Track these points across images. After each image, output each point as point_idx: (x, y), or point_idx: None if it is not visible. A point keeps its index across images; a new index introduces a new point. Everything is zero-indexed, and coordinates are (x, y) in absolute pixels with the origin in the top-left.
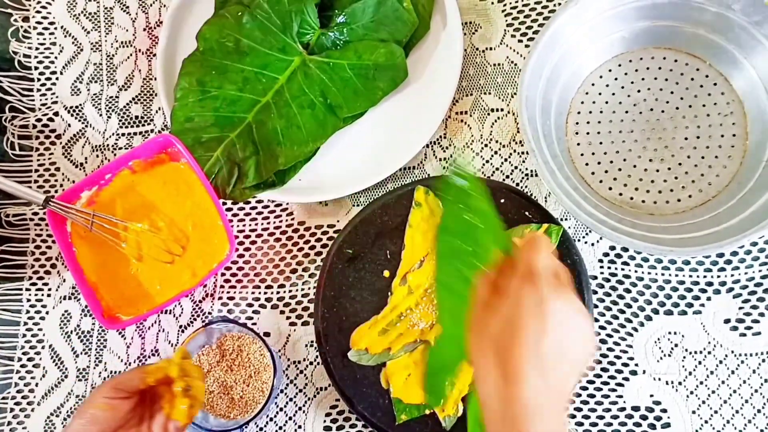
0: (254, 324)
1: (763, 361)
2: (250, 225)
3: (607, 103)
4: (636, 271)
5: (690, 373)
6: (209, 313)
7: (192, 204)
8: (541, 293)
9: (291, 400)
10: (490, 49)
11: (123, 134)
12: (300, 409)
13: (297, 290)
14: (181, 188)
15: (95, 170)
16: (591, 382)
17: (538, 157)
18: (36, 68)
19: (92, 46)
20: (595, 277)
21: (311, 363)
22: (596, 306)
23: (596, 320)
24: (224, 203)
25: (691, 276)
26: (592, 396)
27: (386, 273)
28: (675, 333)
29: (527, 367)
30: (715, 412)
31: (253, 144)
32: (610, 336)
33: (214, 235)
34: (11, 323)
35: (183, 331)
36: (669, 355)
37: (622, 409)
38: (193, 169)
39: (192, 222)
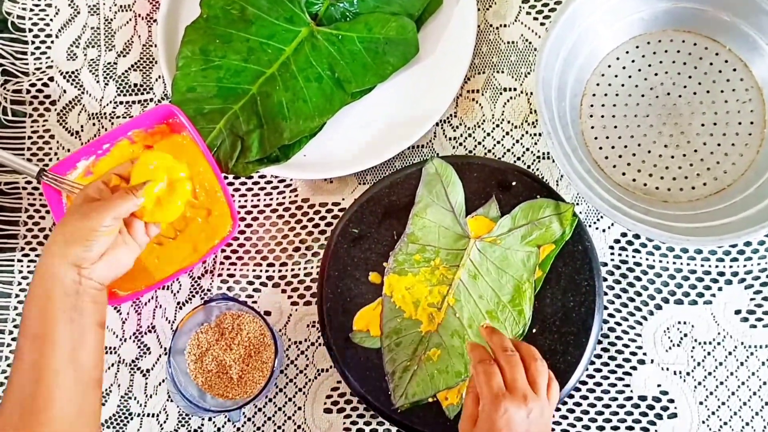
0: (254, 303)
1: None
2: (252, 201)
3: (623, 86)
4: (647, 259)
5: (698, 364)
6: (208, 290)
7: (194, 178)
8: (506, 411)
9: (291, 381)
10: (505, 26)
11: (121, 102)
12: (300, 390)
13: (299, 269)
14: (182, 161)
15: (92, 139)
16: (598, 370)
17: (553, 139)
18: (30, 30)
19: (90, 9)
20: (606, 264)
21: (313, 344)
22: (606, 293)
23: (605, 308)
24: (226, 178)
25: (702, 265)
26: (598, 384)
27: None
28: (684, 323)
29: None
30: (723, 403)
31: (257, 117)
32: (618, 324)
33: (217, 211)
34: (2, 295)
35: (181, 308)
36: (678, 345)
37: (629, 399)
38: (196, 141)
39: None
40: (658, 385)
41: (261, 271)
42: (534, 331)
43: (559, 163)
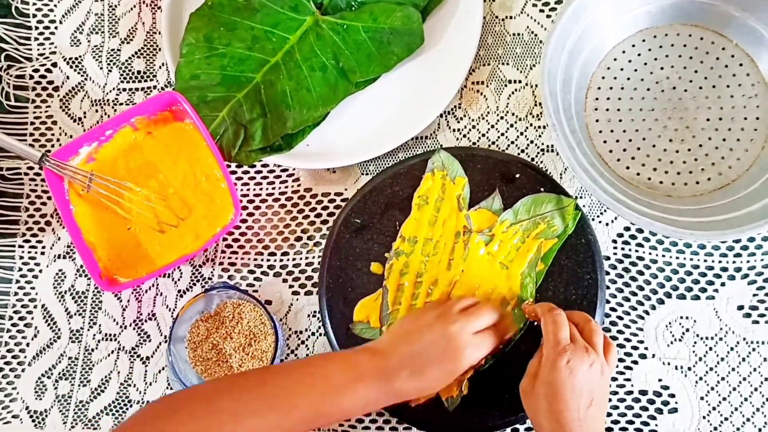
0: (255, 291)
1: None
2: (254, 189)
3: (628, 79)
4: (650, 254)
5: (700, 359)
6: (209, 278)
7: (196, 166)
8: (569, 361)
9: None
10: (510, 17)
11: (124, 89)
12: None
13: (301, 259)
14: (185, 149)
15: (94, 125)
16: None
17: (558, 132)
18: (34, 16)
19: None
20: (608, 258)
21: (313, 334)
22: (608, 287)
23: (607, 302)
24: (229, 166)
25: (705, 260)
26: None
27: (395, 245)
28: (687, 318)
29: (569, 419)
30: (724, 399)
31: (261, 106)
32: (620, 318)
33: (219, 198)
34: (3, 281)
35: (181, 296)
36: (680, 340)
37: (630, 393)
38: (199, 129)
39: (195, 185)
40: (659, 380)
41: (262, 260)
42: (536, 324)
43: (563, 155)
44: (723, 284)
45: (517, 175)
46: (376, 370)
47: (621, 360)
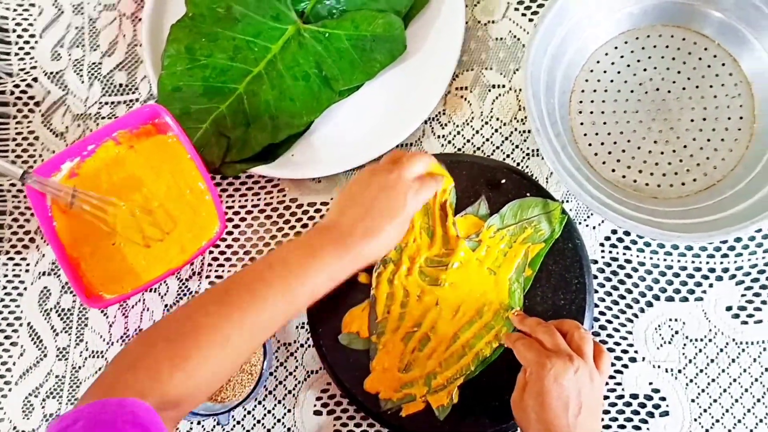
0: None
1: (764, 349)
2: (239, 201)
3: (612, 81)
4: (637, 256)
5: (690, 361)
6: (196, 291)
7: (180, 179)
8: (552, 370)
9: (281, 383)
10: (493, 22)
11: (106, 103)
12: (290, 392)
13: None
14: (168, 162)
15: (77, 140)
16: None
17: (542, 136)
18: (14, 30)
19: (74, 8)
20: (596, 261)
21: (302, 345)
22: (596, 291)
23: (596, 305)
24: (213, 178)
25: (693, 262)
26: None
27: None
28: (676, 320)
29: (558, 428)
30: (715, 400)
31: (244, 116)
32: (609, 322)
33: (204, 211)
34: None
35: (168, 311)
36: (669, 343)
37: (620, 397)
38: (182, 141)
39: (180, 198)
40: (650, 383)
41: None
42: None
43: (548, 160)
44: (711, 285)
45: (503, 180)
46: (330, 240)
47: (612, 364)
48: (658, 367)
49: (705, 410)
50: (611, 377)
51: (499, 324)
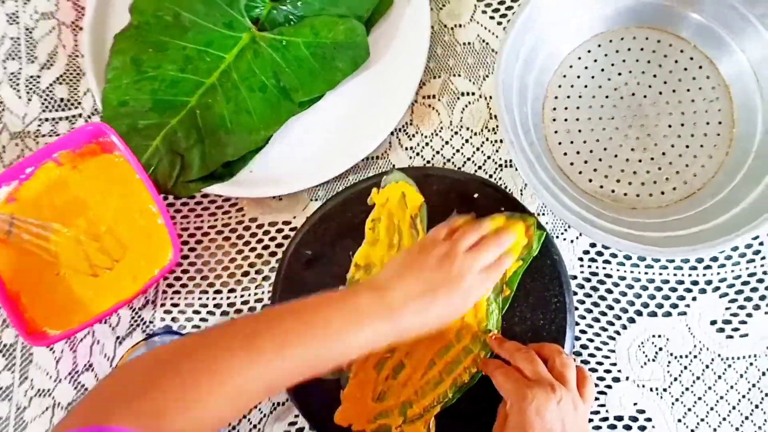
0: None
1: (751, 364)
2: (195, 222)
3: (586, 87)
4: (618, 270)
5: (675, 379)
6: (150, 322)
7: (129, 201)
8: (536, 402)
9: (245, 417)
10: (460, 26)
11: (46, 119)
12: (255, 426)
13: (250, 295)
14: (115, 183)
15: (15, 161)
16: None
17: (516, 147)
18: None
19: (8, 17)
20: (575, 277)
21: None
22: (576, 308)
23: (576, 323)
24: (166, 199)
25: (675, 275)
26: None
27: (349, 275)
28: (659, 336)
29: None
30: (702, 420)
31: (198, 131)
32: (591, 340)
33: (156, 236)
34: None
35: (120, 343)
36: (653, 360)
37: (605, 419)
38: (129, 161)
39: (129, 222)
40: (635, 404)
41: (207, 299)
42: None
43: (522, 172)
44: (694, 299)
45: (475, 195)
46: (380, 308)
47: (595, 385)
48: (643, 386)
49: (692, 430)
50: (596, 398)
51: (477, 348)
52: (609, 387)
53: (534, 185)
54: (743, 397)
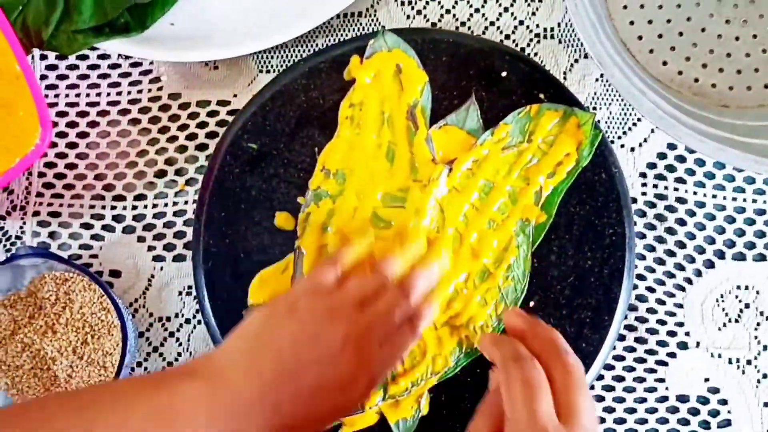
0: (93, 258)
1: None
2: (88, 95)
3: None
4: (695, 193)
5: (765, 348)
6: (17, 237)
7: None
8: None
9: None
10: None
11: None
12: None
13: (166, 205)
14: None
15: None
16: (619, 358)
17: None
18: None
19: None
20: (635, 200)
21: (188, 321)
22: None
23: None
24: (44, 57)
25: None
26: (619, 380)
27: (312, 183)
28: (746, 287)
29: None
30: None
31: None
32: (651, 291)
33: (21, 109)
34: None
35: None
36: (736, 321)
37: (663, 399)
38: None
39: None
40: (706, 379)
41: (103, 207)
42: (531, 304)
43: (583, 37)
44: None
45: (503, 74)
46: (209, 411)
47: (651, 352)
48: (719, 356)
49: None
50: (651, 371)
51: (494, 295)
52: (672, 356)
53: (600, 57)
54: None
